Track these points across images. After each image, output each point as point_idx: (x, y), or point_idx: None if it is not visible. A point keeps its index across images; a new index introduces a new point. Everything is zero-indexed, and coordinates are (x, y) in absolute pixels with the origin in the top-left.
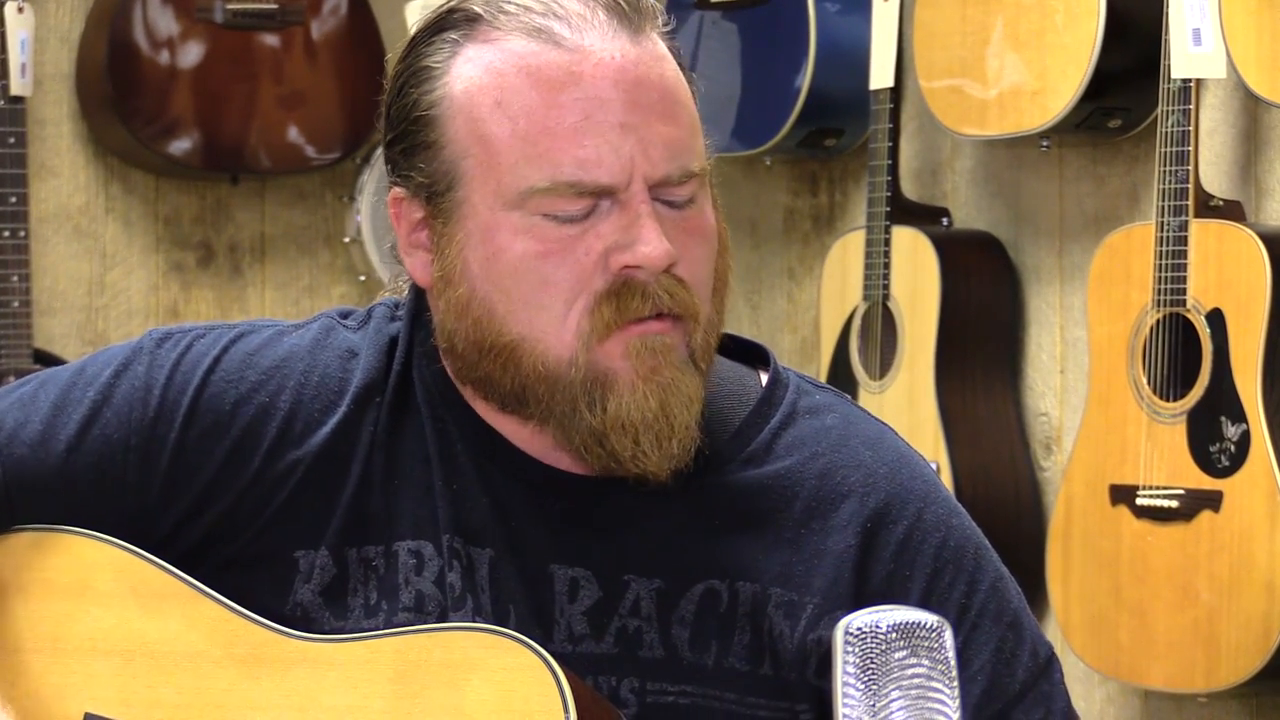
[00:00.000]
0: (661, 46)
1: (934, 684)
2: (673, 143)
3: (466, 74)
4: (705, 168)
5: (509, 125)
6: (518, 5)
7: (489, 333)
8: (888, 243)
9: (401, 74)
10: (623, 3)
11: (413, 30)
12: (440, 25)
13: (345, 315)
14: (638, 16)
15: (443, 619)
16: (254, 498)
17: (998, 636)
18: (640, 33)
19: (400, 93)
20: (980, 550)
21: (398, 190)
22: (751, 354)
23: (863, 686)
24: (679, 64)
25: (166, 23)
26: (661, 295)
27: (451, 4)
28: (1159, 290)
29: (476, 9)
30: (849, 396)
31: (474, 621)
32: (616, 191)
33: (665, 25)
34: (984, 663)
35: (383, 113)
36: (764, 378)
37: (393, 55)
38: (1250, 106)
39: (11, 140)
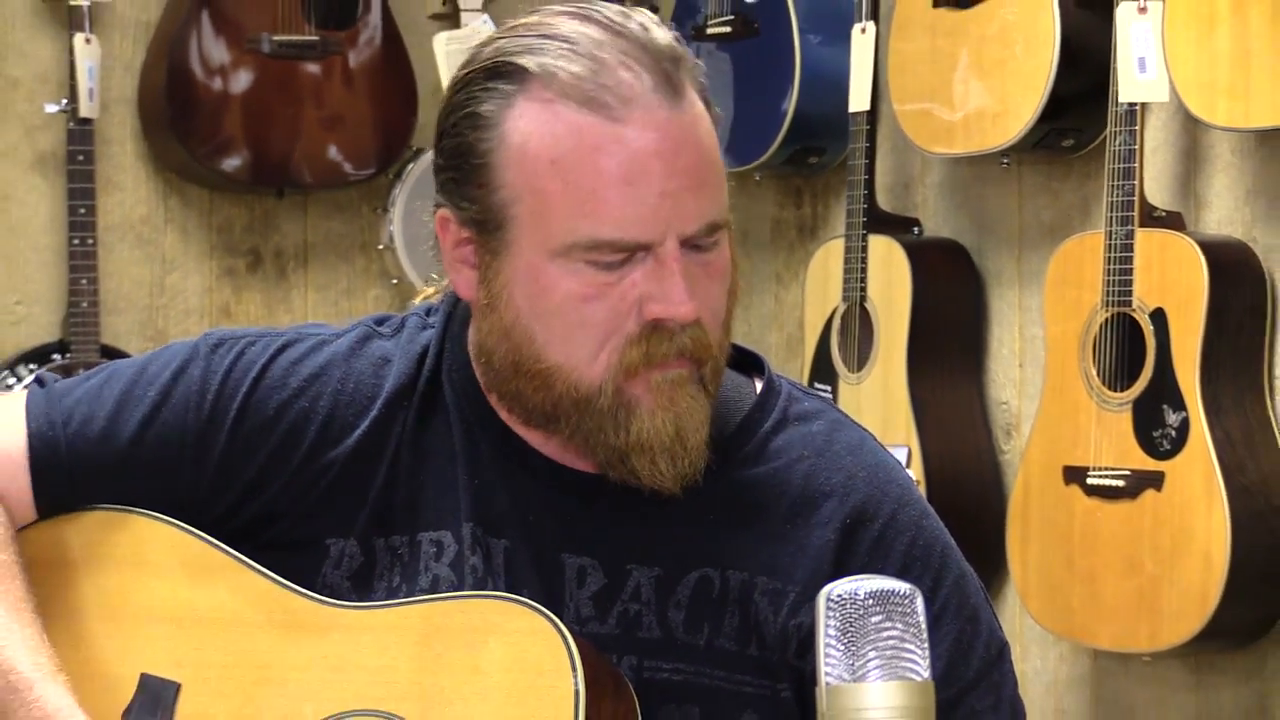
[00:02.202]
0: (697, 102)
1: (906, 645)
2: (704, 204)
3: (523, 129)
4: (728, 218)
5: (560, 183)
6: (569, 73)
7: (527, 357)
8: (864, 250)
9: (455, 111)
10: (666, 66)
11: (464, 69)
12: (493, 71)
13: (381, 322)
14: (678, 74)
15: None
16: (293, 491)
17: (957, 629)
18: (681, 96)
19: (454, 129)
20: (946, 550)
21: (445, 212)
22: (748, 361)
23: (843, 648)
24: (706, 101)
25: (219, 53)
26: (685, 341)
27: (498, 49)
28: (1108, 292)
29: (527, 66)
30: (833, 402)
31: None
32: (653, 246)
33: (696, 69)
34: (943, 651)
35: (436, 139)
36: (758, 385)
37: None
38: (1190, 127)
39: (81, 158)
